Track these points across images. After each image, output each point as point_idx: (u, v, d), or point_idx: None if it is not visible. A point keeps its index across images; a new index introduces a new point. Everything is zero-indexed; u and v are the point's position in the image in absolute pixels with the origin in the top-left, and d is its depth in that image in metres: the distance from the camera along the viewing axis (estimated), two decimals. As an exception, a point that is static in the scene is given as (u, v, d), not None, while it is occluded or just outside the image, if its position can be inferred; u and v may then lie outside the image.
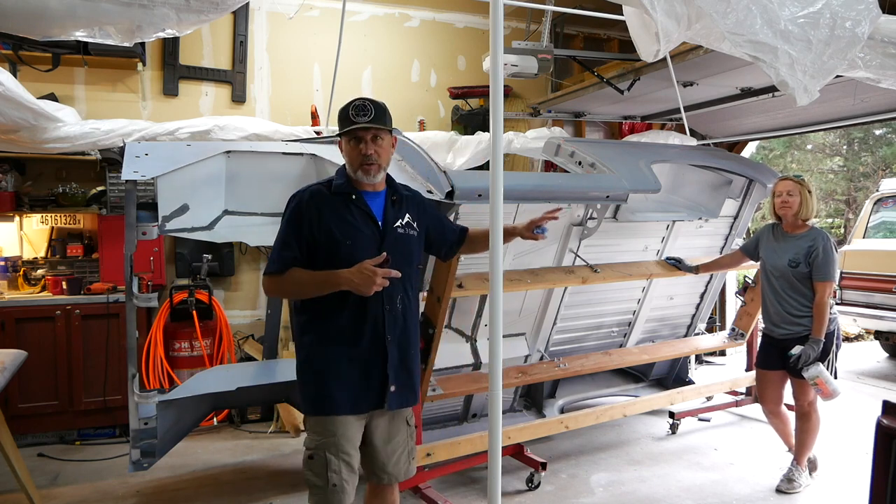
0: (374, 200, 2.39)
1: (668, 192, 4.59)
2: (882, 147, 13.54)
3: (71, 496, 3.75)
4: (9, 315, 4.35)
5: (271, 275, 2.30)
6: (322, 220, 2.28)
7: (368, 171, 2.32)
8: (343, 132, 2.32)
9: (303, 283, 2.29)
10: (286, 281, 2.28)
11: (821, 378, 3.48)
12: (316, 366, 2.33)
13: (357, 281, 2.19)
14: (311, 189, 2.36)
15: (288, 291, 2.41)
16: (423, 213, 2.53)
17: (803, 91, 2.53)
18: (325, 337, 2.32)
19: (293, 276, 2.28)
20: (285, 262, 2.27)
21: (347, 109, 2.31)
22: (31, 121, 3.97)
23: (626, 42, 5.76)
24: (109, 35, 2.41)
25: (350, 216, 2.31)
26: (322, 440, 2.29)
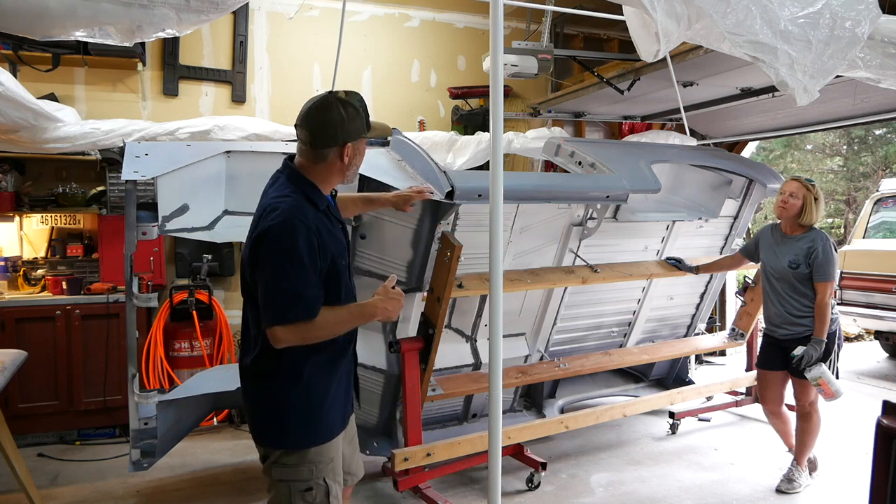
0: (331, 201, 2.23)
1: (668, 192, 4.59)
2: (882, 147, 13.53)
3: (71, 496, 3.75)
4: (9, 315, 4.35)
5: (299, 322, 1.93)
6: (324, 243, 2.01)
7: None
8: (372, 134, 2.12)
9: (338, 324, 2.03)
10: (316, 326, 1.96)
11: (823, 378, 3.48)
12: (314, 397, 2.09)
13: (390, 308, 2.06)
14: (305, 209, 2.01)
15: (316, 337, 2.00)
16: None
17: (803, 91, 2.53)
18: (319, 366, 2.09)
19: (326, 318, 1.98)
20: (314, 303, 1.96)
21: (363, 107, 2.10)
22: (31, 121, 3.97)
23: (626, 42, 5.76)
24: (109, 35, 2.41)
25: (334, 230, 2.11)
26: (321, 468, 2.11)
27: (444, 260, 3.24)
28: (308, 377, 2.07)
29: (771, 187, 4.59)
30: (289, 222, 1.93)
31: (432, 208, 3.38)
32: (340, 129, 2.03)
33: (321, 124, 2.02)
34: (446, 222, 3.44)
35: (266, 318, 1.94)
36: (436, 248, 3.37)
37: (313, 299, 1.95)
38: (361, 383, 3.87)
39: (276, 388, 2.07)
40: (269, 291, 1.93)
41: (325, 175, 2.09)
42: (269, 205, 2.00)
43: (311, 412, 2.08)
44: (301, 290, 1.92)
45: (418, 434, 3.49)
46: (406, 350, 3.38)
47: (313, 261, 1.95)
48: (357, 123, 2.05)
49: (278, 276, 1.91)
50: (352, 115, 2.03)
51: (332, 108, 2.02)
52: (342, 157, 2.06)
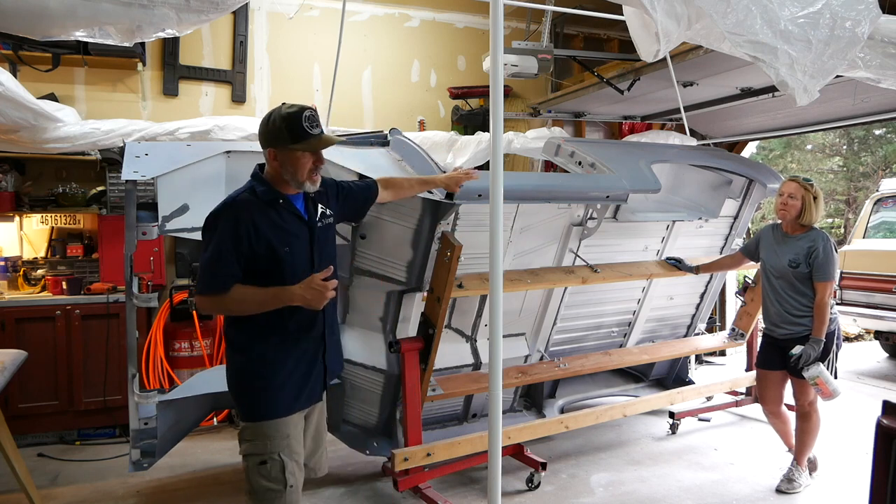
0: (297, 201, 2.36)
1: (668, 192, 4.59)
2: (882, 147, 13.54)
3: (71, 496, 3.75)
4: (9, 315, 4.35)
5: (210, 294, 2.21)
6: (259, 231, 2.20)
7: (315, 181, 2.31)
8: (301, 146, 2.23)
9: (247, 302, 2.22)
10: (228, 300, 2.19)
11: (821, 378, 3.48)
12: (264, 372, 2.28)
13: (309, 297, 2.17)
14: (240, 200, 2.25)
15: (229, 309, 2.26)
16: (332, 195, 2.54)
17: (803, 91, 2.53)
18: (271, 343, 2.28)
19: (237, 294, 2.20)
20: (225, 279, 2.18)
21: (300, 120, 2.22)
22: (31, 121, 3.97)
23: (626, 42, 5.76)
24: (109, 35, 2.41)
25: (283, 222, 2.27)
26: (275, 443, 2.26)
27: (444, 260, 3.24)
28: (259, 353, 2.27)
29: (771, 187, 4.59)
30: (218, 210, 2.22)
31: (432, 208, 3.38)
32: (262, 135, 2.28)
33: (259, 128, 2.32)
34: (446, 222, 3.44)
35: (195, 290, 2.27)
36: (436, 248, 3.37)
37: (225, 276, 2.17)
38: (361, 383, 3.90)
39: (233, 359, 2.33)
40: (200, 267, 2.25)
41: (272, 174, 2.30)
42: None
43: (265, 387, 2.26)
44: (213, 267, 2.17)
45: (418, 434, 3.49)
46: (406, 350, 3.38)
47: (236, 244, 2.17)
48: (277, 133, 2.23)
49: (203, 253, 2.21)
50: (273, 124, 2.24)
51: (267, 116, 2.28)
52: (272, 160, 2.27)
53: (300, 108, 2.23)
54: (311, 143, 2.23)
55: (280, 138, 2.23)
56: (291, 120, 2.21)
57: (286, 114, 2.23)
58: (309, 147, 2.23)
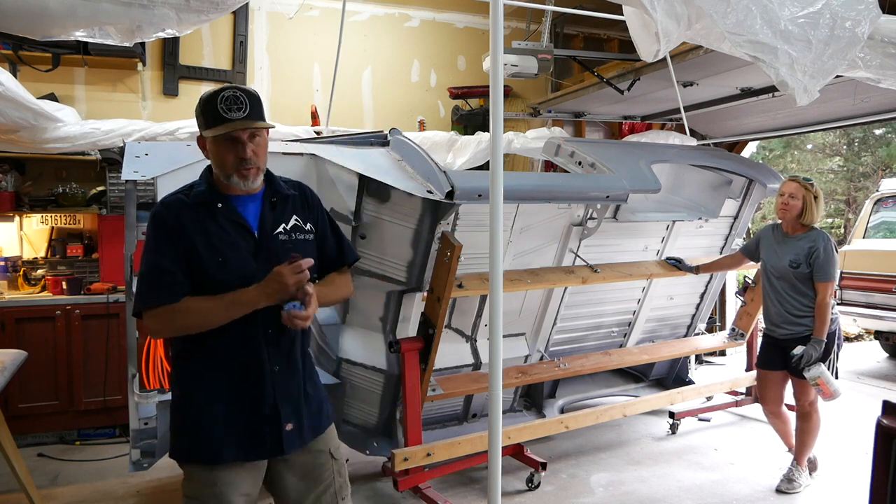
0: (246, 206, 1.96)
1: (668, 192, 4.59)
2: (882, 147, 13.54)
3: (71, 496, 3.75)
4: (9, 315, 4.35)
5: (156, 307, 1.82)
6: (184, 236, 1.85)
7: (247, 176, 1.90)
8: (212, 132, 1.88)
9: (207, 313, 1.83)
10: (181, 313, 1.82)
11: (822, 378, 3.48)
12: (192, 406, 1.91)
13: (271, 289, 1.82)
14: (167, 201, 1.93)
15: (185, 326, 1.85)
16: (318, 214, 2.11)
17: (803, 91, 2.53)
18: (201, 371, 1.92)
19: (191, 306, 1.83)
20: (173, 289, 1.83)
21: (215, 102, 1.87)
22: (31, 121, 3.97)
23: (626, 42, 5.76)
24: (109, 35, 2.41)
25: (217, 228, 1.89)
26: (201, 490, 1.90)
27: (444, 260, 3.24)
28: (187, 384, 1.94)
29: (771, 187, 4.59)
30: (151, 214, 1.93)
31: (432, 208, 3.38)
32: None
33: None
34: (446, 222, 3.44)
35: (134, 307, 1.88)
36: (436, 248, 3.37)
37: (172, 284, 1.83)
38: (361, 383, 3.90)
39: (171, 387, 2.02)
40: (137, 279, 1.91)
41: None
42: None
43: (192, 424, 1.91)
44: (154, 275, 1.85)
45: (418, 434, 3.49)
46: (406, 350, 3.38)
47: (169, 245, 1.85)
48: (197, 119, 1.97)
49: (142, 263, 1.90)
50: (196, 110, 1.97)
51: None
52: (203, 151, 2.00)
53: (222, 89, 1.91)
54: (224, 127, 1.86)
55: (199, 124, 1.96)
56: (206, 102, 1.92)
57: (205, 97, 1.93)
58: (220, 132, 1.86)
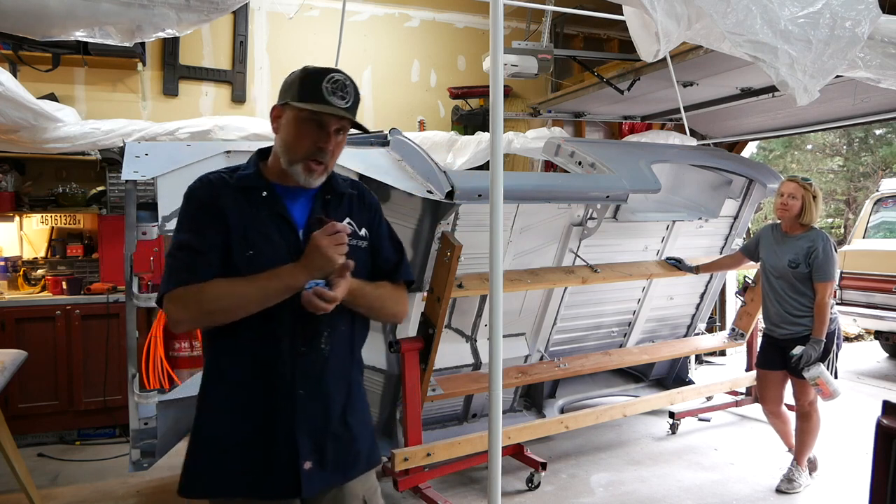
0: (296, 199, 1.71)
1: (668, 192, 4.59)
2: (882, 147, 13.54)
3: (71, 496, 3.75)
4: (9, 315, 4.35)
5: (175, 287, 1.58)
6: (221, 218, 1.63)
7: (313, 171, 1.66)
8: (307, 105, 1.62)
9: (238, 293, 1.58)
10: (207, 294, 1.57)
11: (821, 378, 3.48)
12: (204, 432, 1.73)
13: (319, 263, 1.56)
14: (207, 178, 1.70)
15: (211, 310, 1.59)
16: (375, 218, 1.84)
17: (803, 91, 2.53)
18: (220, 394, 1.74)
19: (220, 285, 1.58)
20: (201, 270, 1.59)
21: (321, 79, 1.64)
22: (31, 121, 3.97)
23: (626, 42, 5.76)
24: (109, 35, 2.40)
25: (255, 218, 1.64)
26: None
27: (444, 260, 3.24)
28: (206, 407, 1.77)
29: (771, 187, 4.59)
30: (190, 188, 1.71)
31: (432, 208, 3.38)
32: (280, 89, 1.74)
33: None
34: (446, 222, 3.44)
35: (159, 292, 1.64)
36: (436, 248, 3.37)
37: (197, 265, 1.59)
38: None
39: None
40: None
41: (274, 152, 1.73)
42: None
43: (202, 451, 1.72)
44: (184, 255, 1.61)
45: (418, 434, 3.49)
46: (406, 350, 3.38)
47: (203, 225, 1.63)
48: (288, 86, 1.69)
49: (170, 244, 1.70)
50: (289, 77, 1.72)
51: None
52: (273, 119, 1.73)
53: (331, 69, 1.68)
54: (321, 106, 1.61)
55: (287, 91, 1.68)
56: (310, 75, 1.66)
57: (311, 69, 1.70)
58: (314, 108, 1.61)
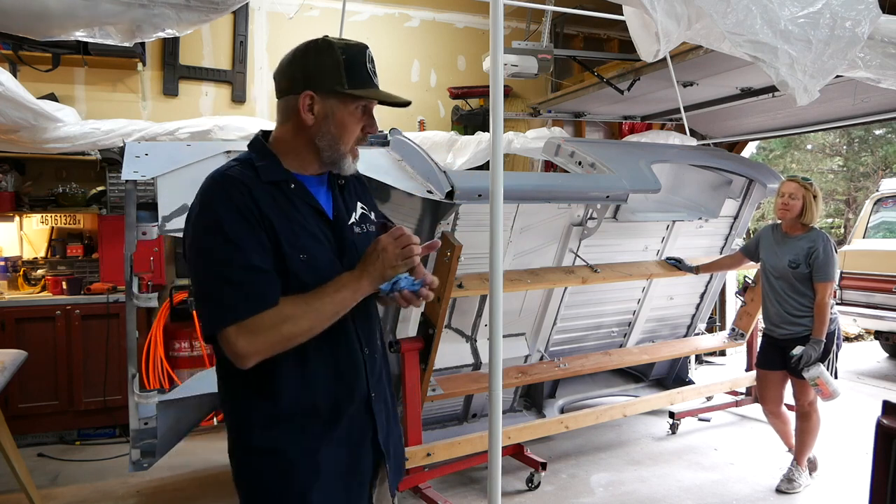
0: (316, 188, 1.54)
1: (668, 192, 4.59)
2: (882, 147, 13.54)
3: (71, 496, 3.75)
4: (9, 315, 4.35)
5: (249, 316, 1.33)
6: (265, 221, 1.40)
7: (357, 158, 1.57)
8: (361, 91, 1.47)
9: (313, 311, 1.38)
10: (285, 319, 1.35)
11: (821, 378, 3.48)
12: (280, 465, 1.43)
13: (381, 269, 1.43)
14: (232, 175, 1.44)
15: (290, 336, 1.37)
16: (374, 201, 1.74)
17: (803, 91, 2.53)
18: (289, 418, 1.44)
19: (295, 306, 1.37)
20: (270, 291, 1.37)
21: (363, 58, 1.48)
22: (31, 121, 3.97)
23: (626, 42, 5.76)
24: (109, 35, 2.40)
25: (296, 216, 1.45)
26: None
27: (444, 260, 3.24)
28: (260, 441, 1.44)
29: (771, 187, 4.59)
30: (208, 192, 1.42)
31: (432, 208, 3.38)
32: (303, 70, 1.46)
33: (283, 66, 1.52)
34: (446, 222, 3.44)
35: (208, 323, 1.36)
36: (436, 248, 3.37)
37: (267, 284, 1.36)
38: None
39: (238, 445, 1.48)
40: (204, 286, 1.38)
41: (287, 139, 1.50)
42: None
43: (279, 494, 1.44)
44: (243, 274, 1.35)
45: (418, 434, 3.49)
46: (406, 350, 3.38)
47: (251, 233, 1.37)
48: (325, 70, 1.45)
49: (209, 261, 1.37)
50: (319, 56, 1.46)
51: (306, 49, 1.49)
52: (299, 111, 1.46)
53: (359, 44, 1.50)
54: (374, 92, 1.48)
55: (330, 76, 1.44)
56: (352, 53, 1.46)
57: (344, 44, 1.47)
58: (372, 96, 1.48)
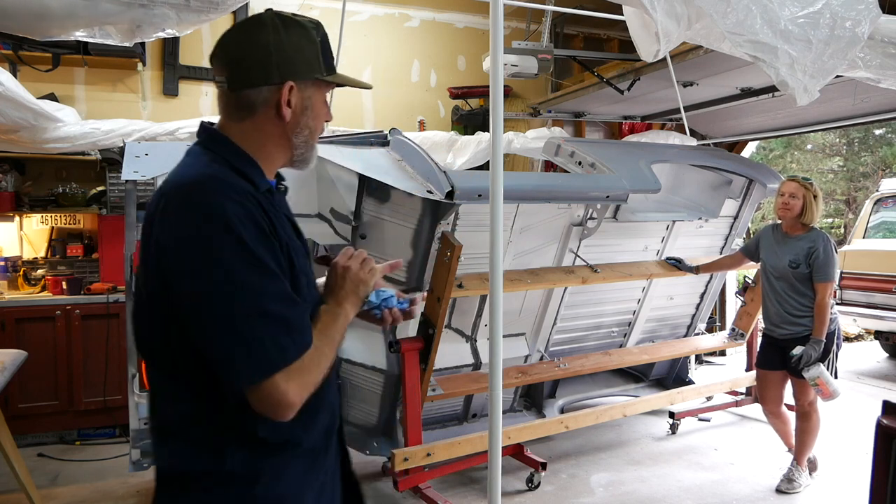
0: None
1: (668, 192, 4.59)
2: (882, 147, 13.54)
3: (71, 496, 3.75)
4: (9, 315, 4.35)
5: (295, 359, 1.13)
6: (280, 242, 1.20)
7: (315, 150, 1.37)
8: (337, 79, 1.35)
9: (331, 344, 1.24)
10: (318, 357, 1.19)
11: (821, 378, 3.48)
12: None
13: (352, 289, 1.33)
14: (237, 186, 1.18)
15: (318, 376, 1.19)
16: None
17: (803, 91, 2.53)
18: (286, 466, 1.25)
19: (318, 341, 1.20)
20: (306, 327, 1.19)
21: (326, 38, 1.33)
22: (31, 121, 3.97)
23: (626, 42, 5.76)
24: (109, 35, 2.41)
25: (289, 231, 1.28)
26: None
27: (444, 260, 3.24)
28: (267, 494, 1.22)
29: (771, 187, 4.59)
30: (210, 202, 1.13)
31: (432, 208, 3.38)
32: (277, 55, 1.23)
33: (244, 49, 1.24)
34: (446, 222, 3.44)
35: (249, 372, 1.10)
36: (436, 248, 3.37)
37: (303, 312, 1.20)
38: (361, 383, 3.90)
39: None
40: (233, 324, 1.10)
41: (255, 137, 1.26)
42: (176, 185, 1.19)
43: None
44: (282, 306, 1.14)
45: (418, 434, 3.49)
46: (406, 350, 3.38)
47: (275, 254, 1.17)
48: (308, 53, 1.27)
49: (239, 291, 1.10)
50: (298, 37, 1.26)
51: (266, 26, 1.24)
52: (279, 106, 1.24)
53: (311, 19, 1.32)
54: (348, 77, 1.39)
55: (310, 62, 1.28)
56: (323, 33, 1.32)
57: (312, 23, 1.30)
58: (348, 82, 1.38)
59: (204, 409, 1.19)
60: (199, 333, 1.13)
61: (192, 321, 1.13)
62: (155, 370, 1.24)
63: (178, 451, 1.21)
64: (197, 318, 1.12)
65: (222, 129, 1.28)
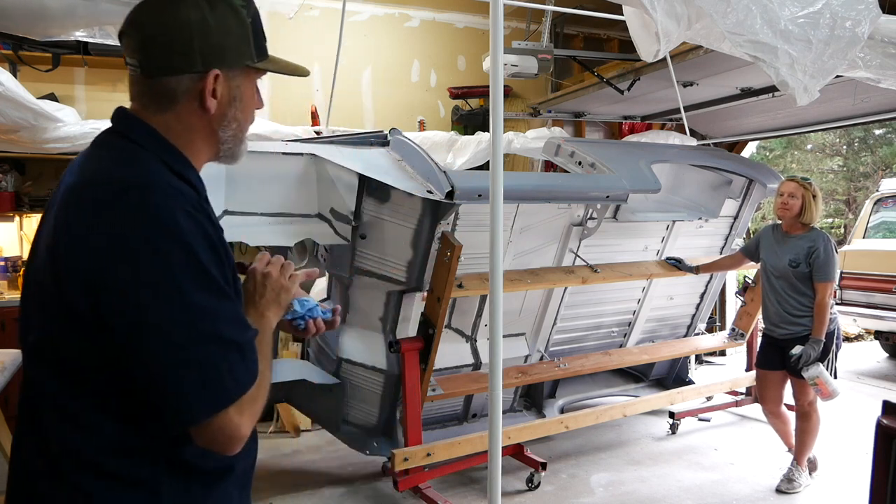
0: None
1: (668, 192, 4.59)
2: (882, 147, 13.54)
3: (71, 496, 3.75)
4: (9, 315, 4.35)
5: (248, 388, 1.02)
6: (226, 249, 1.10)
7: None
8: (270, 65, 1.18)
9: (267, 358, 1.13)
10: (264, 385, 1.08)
11: (820, 378, 3.48)
12: None
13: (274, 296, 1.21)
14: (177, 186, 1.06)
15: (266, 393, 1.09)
16: None
17: (803, 91, 2.53)
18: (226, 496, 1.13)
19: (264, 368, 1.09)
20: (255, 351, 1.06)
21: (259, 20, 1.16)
22: (31, 121, 3.97)
23: (626, 42, 5.76)
24: (109, 35, 2.41)
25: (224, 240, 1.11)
26: None
27: (444, 260, 3.24)
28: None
29: (771, 187, 4.59)
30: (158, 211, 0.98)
31: (432, 208, 3.37)
32: (199, 39, 1.07)
33: (161, 28, 1.08)
34: (446, 222, 3.44)
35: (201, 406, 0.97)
36: (436, 248, 3.37)
37: (252, 336, 1.07)
38: (361, 383, 3.90)
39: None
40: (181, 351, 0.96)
41: (180, 134, 1.12)
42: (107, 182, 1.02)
43: None
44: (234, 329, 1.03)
45: (418, 434, 3.49)
46: (406, 350, 3.38)
47: (223, 269, 1.05)
48: (236, 36, 1.12)
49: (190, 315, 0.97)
50: (225, 17, 1.10)
51: (186, 1, 1.08)
52: (203, 97, 1.10)
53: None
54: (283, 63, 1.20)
55: (239, 47, 1.12)
56: (254, 12, 1.15)
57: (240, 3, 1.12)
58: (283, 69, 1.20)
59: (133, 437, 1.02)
60: (139, 357, 0.96)
61: (131, 343, 0.96)
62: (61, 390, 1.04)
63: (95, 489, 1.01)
64: (138, 341, 0.96)
65: (150, 120, 1.13)
